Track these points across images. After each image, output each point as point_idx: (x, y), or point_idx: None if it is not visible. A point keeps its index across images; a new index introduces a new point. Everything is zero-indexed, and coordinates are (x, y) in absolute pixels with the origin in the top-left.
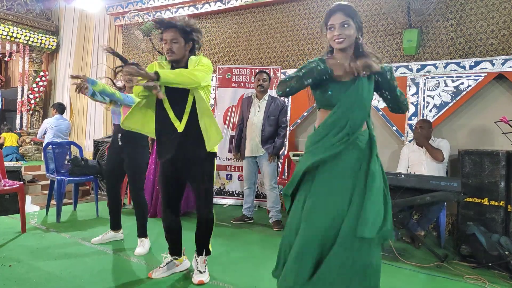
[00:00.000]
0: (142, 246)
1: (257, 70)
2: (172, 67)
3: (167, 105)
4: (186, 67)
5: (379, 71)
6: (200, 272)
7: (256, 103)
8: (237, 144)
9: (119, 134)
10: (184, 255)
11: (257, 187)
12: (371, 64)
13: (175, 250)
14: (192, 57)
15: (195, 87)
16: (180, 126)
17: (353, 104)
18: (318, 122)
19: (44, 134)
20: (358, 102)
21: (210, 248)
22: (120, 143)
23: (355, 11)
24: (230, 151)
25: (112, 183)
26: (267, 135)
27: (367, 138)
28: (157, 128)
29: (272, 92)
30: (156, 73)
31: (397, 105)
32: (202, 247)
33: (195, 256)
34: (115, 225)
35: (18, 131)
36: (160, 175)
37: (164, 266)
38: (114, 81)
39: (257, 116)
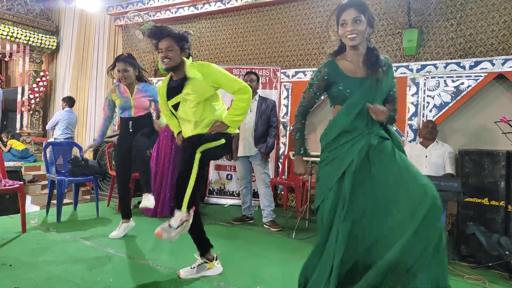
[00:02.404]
0: (148, 200)
1: (247, 71)
2: (171, 78)
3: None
4: (185, 75)
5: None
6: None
7: None
8: None
9: (130, 122)
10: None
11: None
12: (384, 115)
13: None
14: (190, 63)
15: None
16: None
17: (369, 95)
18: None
19: (55, 125)
20: (377, 95)
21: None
22: (131, 130)
23: (366, 6)
24: None
25: (123, 171)
26: (260, 134)
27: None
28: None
29: (266, 92)
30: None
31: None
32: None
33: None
34: (126, 215)
35: (18, 131)
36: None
37: (194, 268)
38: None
39: (249, 116)
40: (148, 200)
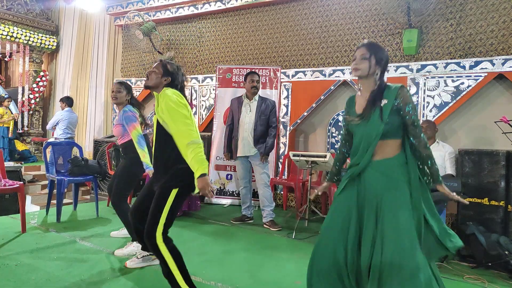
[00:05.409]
0: (125, 248)
1: (247, 71)
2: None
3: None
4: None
5: None
6: None
7: (247, 103)
8: (228, 145)
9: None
10: None
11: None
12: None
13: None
14: (165, 91)
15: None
16: None
17: (362, 134)
18: None
19: (55, 125)
20: (365, 133)
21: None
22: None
23: (379, 48)
24: None
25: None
26: (259, 134)
27: (399, 164)
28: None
29: (266, 92)
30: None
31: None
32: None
33: None
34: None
35: (20, 131)
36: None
37: (140, 258)
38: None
39: (248, 116)
40: (124, 248)
